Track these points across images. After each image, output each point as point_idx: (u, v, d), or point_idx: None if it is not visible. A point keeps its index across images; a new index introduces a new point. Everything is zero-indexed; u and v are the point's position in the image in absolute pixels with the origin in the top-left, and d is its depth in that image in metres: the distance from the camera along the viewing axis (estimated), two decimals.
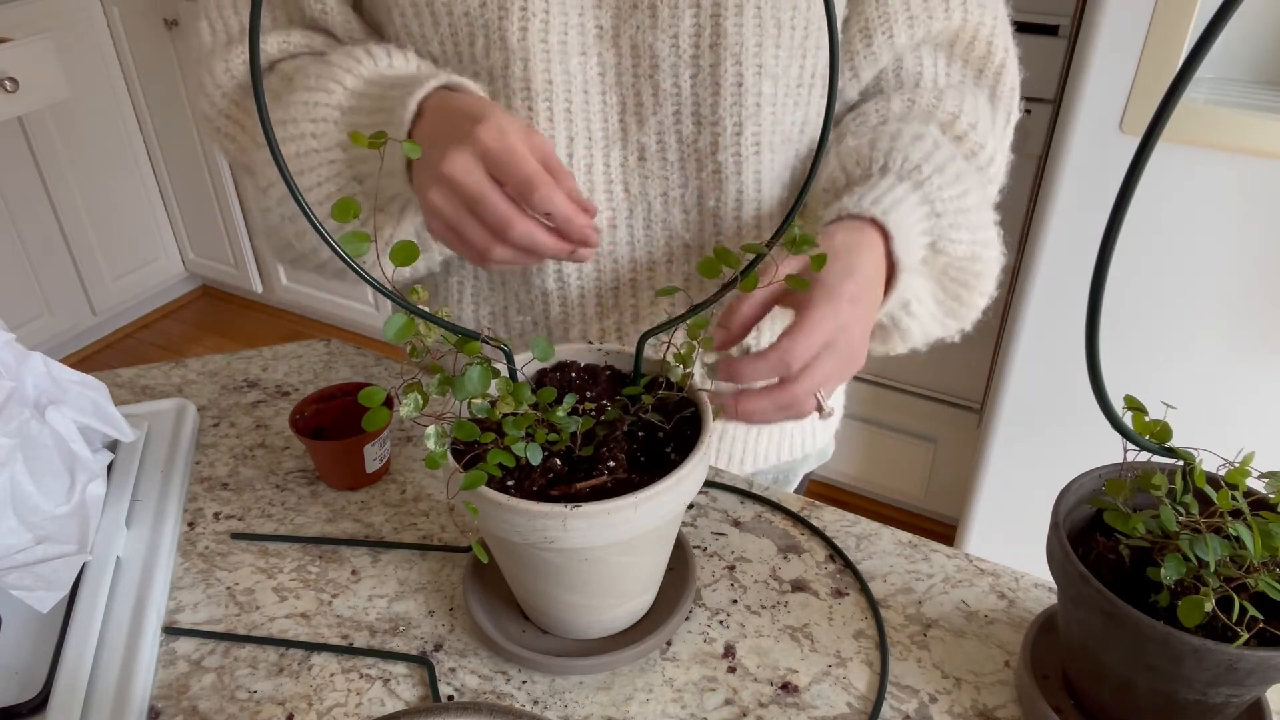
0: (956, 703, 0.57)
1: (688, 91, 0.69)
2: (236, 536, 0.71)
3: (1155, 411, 0.52)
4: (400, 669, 0.60)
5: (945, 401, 1.92)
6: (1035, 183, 1.64)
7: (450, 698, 0.58)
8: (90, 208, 2.63)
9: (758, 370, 0.57)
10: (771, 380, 0.58)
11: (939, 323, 0.72)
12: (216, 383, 0.90)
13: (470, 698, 0.58)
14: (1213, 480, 0.52)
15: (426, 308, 0.52)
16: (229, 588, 0.66)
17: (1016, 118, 0.79)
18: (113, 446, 0.76)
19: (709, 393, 0.58)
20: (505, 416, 0.54)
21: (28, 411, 0.64)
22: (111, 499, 0.70)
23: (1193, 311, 1.36)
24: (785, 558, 0.68)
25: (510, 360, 0.57)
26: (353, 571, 0.67)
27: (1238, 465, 0.51)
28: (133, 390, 0.88)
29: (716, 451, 0.84)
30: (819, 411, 0.58)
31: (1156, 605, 0.48)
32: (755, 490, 0.74)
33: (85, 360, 2.76)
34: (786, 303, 0.61)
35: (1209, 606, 0.45)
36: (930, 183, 0.65)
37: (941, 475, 2.01)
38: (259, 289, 2.88)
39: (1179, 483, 0.52)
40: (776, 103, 0.70)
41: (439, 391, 0.52)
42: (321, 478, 0.76)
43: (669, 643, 0.61)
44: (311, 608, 0.64)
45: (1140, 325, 1.40)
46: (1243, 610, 0.45)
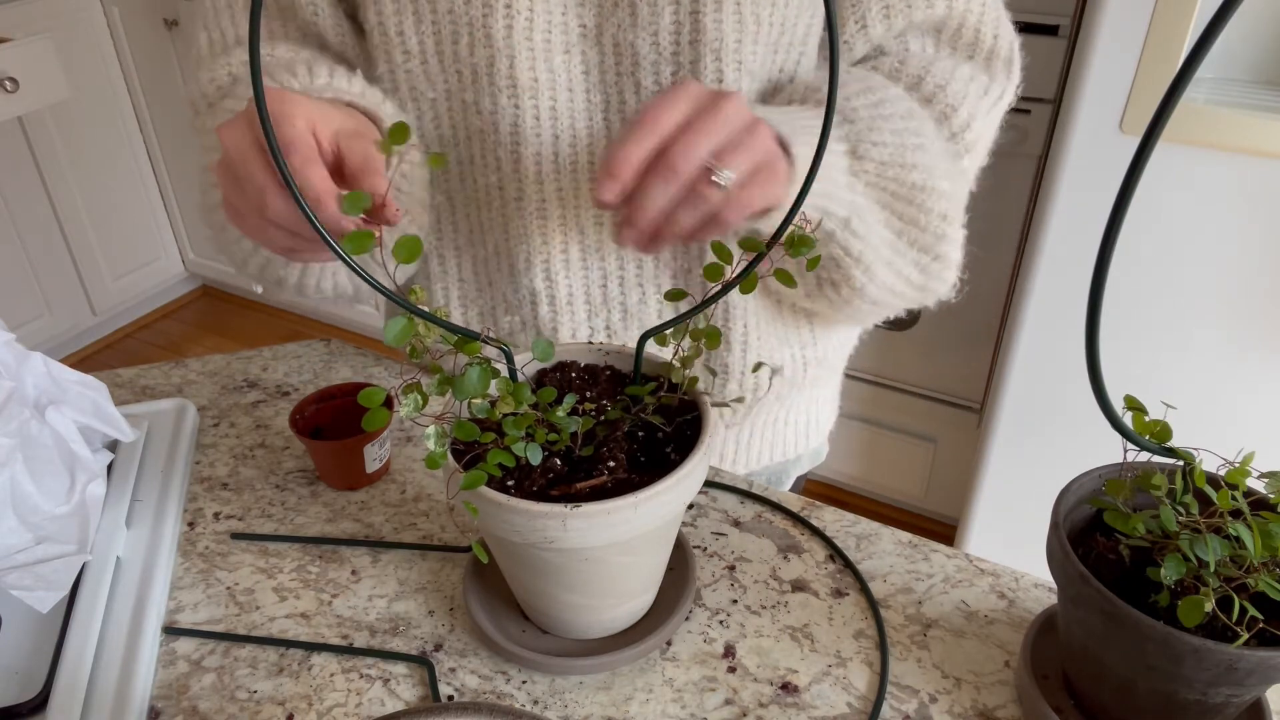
0: (956, 703, 0.57)
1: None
2: (236, 536, 0.71)
3: (1155, 411, 0.52)
4: (400, 669, 0.60)
5: (945, 401, 1.92)
6: (1035, 183, 1.64)
7: (450, 698, 0.58)
8: (90, 208, 2.63)
9: (632, 138, 0.53)
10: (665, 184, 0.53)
11: (899, 252, 0.69)
12: (216, 383, 0.90)
13: (470, 698, 0.58)
14: (1213, 480, 0.52)
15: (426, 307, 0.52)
16: (229, 588, 0.66)
17: (1011, 99, 0.75)
18: (113, 446, 0.76)
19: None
20: (505, 416, 0.54)
21: (28, 411, 0.64)
22: (111, 499, 0.70)
23: (1193, 311, 1.36)
24: (785, 558, 0.68)
25: (510, 360, 0.57)
26: (353, 571, 0.67)
27: (1238, 465, 0.51)
28: (133, 390, 0.88)
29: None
30: (715, 184, 0.53)
31: (1156, 605, 0.48)
32: (755, 490, 0.74)
33: (85, 360, 2.76)
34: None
35: (1209, 606, 0.45)
36: (848, 103, 0.63)
37: (941, 475, 2.01)
38: (259, 289, 2.88)
39: (1179, 483, 0.52)
40: (755, 98, 0.70)
41: (439, 391, 0.52)
42: (321, 478, 0.76)
43: (669, 643, 0.61)
44: (311, 608, 0.64)
45: (1140, 325, 1.40)
46: (1243, 610, 0.45)
